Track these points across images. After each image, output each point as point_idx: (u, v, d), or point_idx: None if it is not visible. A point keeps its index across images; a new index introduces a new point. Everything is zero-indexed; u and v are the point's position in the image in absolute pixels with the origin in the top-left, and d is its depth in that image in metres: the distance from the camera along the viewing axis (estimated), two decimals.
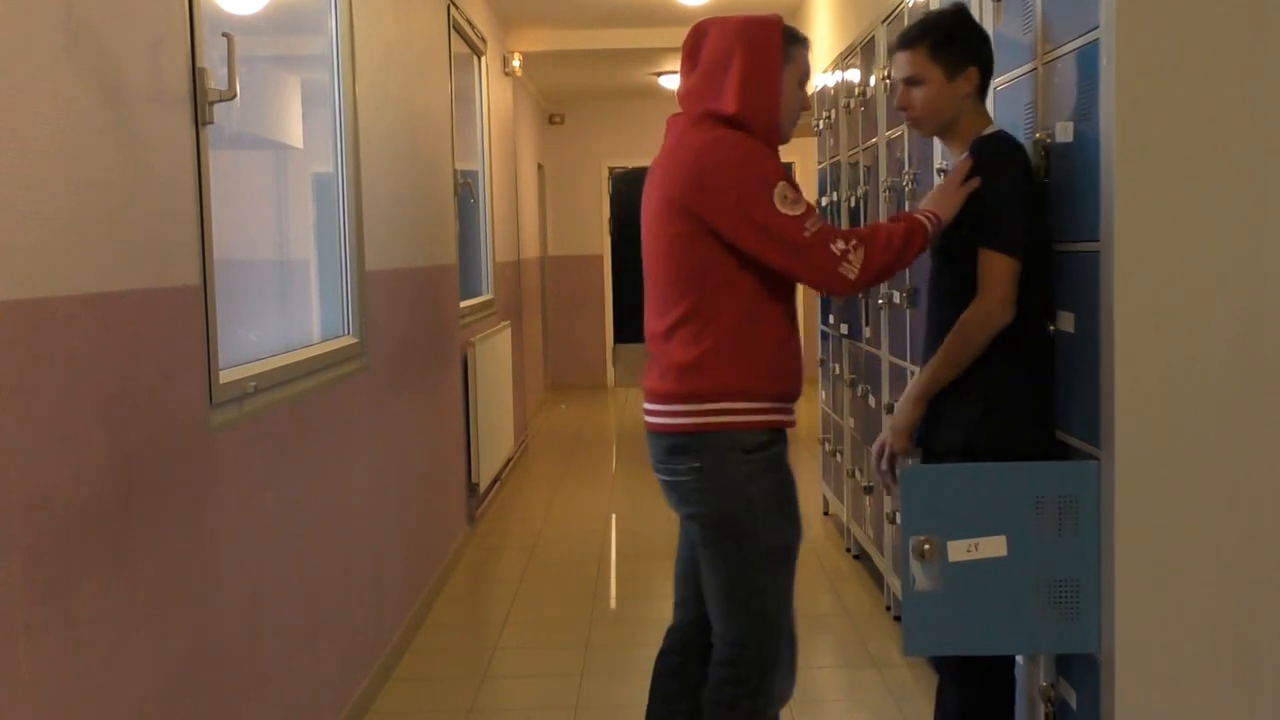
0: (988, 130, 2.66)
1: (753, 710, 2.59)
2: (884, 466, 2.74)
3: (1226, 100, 2.29)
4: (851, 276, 2.46)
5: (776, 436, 2.59)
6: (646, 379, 2.68)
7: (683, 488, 2.57)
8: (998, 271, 2.50)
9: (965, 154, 2.65)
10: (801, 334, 2.83)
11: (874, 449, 2.78)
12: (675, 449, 2.56)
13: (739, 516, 2.54)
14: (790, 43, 2.57)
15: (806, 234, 2.44)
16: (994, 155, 2.57)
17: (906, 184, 4.02)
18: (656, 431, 2.62)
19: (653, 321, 2.66)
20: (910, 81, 2.65)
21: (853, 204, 5.11)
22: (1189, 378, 2.31)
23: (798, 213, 2.45)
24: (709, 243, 2.51)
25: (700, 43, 2.60)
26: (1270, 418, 2.32)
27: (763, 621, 2.58)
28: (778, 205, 2.44)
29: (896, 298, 4.17)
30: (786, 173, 2.53)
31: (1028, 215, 2.53)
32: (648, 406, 2.66)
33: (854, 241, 2.47)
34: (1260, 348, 2.31)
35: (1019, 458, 2.51)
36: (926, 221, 2.53)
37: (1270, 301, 2.31)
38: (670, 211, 2.55)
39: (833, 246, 2.45)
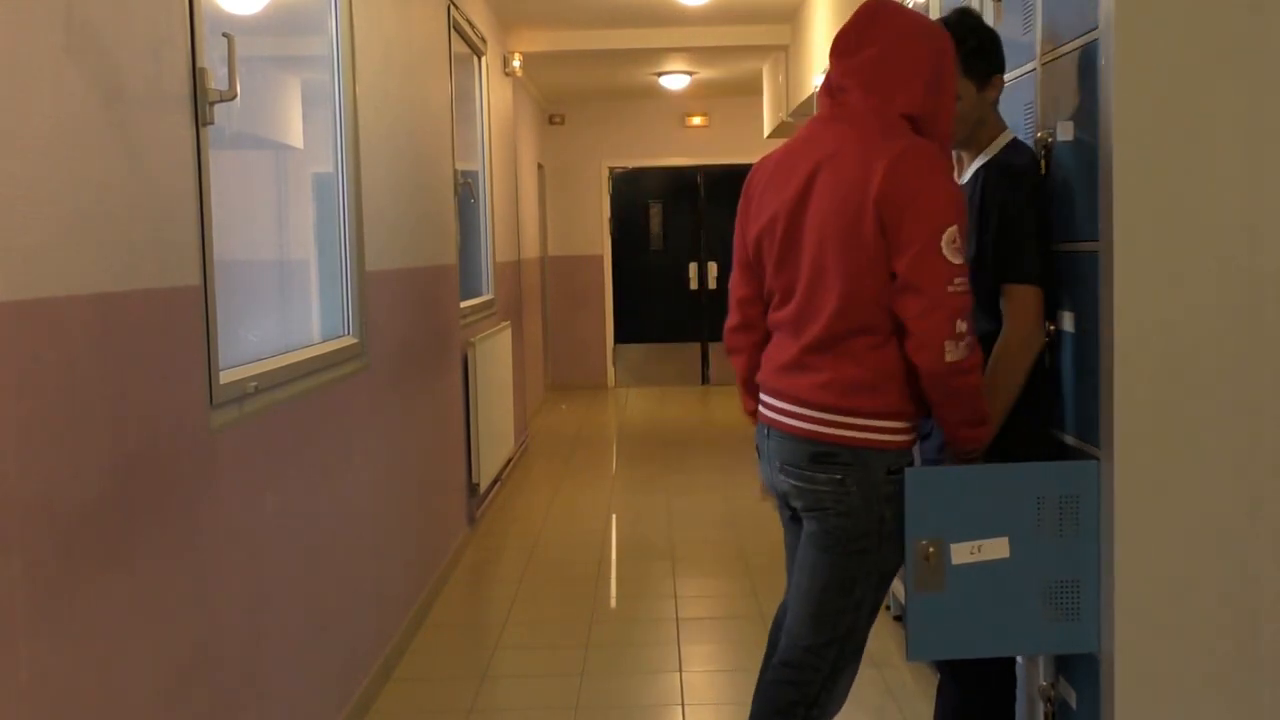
0: (1002, 139, 2.64)
1: (805, 719, 2.55)
2: None
3: (1226, 100, 2.29)
4: (948, 358, 2.31)
5: (910, 459, 2.54)
6: (787, 378, 2.52)
7: (818, 495, 2.48)
8: (1027, 301, 2.50)
9: (976, 168, 2.64)
10: None
11: None
12: (821, 457, 2.46)
13: (868, 534, 2.46)
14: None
15: (949, 289, 2.32)
16: (1009, 185, 2.54)
17: None
18: (801, 436, 2.48)
19: (813, 325, 2.46)
20: None
21: None
22: (1189, 378, 2.31)
23: (955, 262, 2.33)
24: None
25: (877, 26, 2.45)
26: (1270, 417, 2.32)
27: (846, 637, 2.52)
28: (944, 247, 2.32)
29: None
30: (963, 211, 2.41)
31: (1042, 237, 2.53)
32: (787, 407, 2.51)
33: (973, 340, 2.36)
34: (1260, 347, 2.31)
35: (1019, 458, 2.51)
36: (978, 438, 2.48)
37: (1270, 301, 2.31)
38: (860, 215, 2.37)
39: (958, 322, 2.32)
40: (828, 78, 2.55)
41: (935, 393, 2.39)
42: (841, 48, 2.50)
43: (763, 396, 2.61)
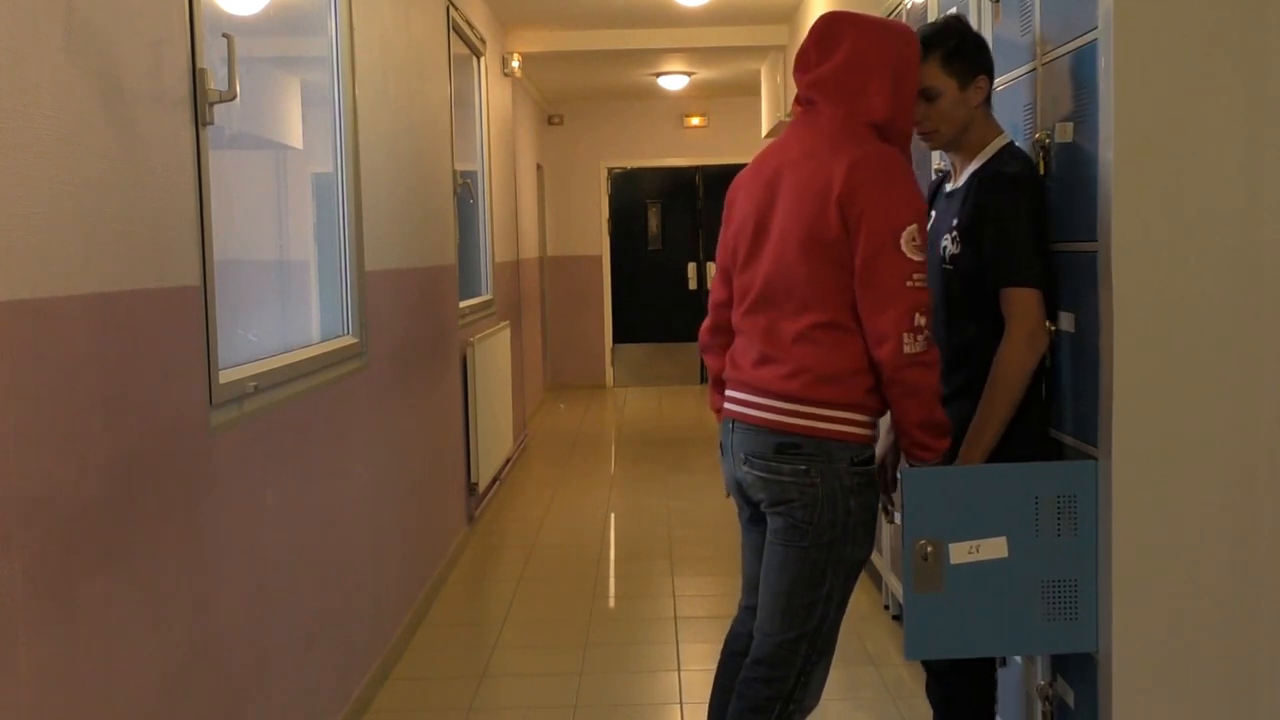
0: (995, 144, 2.65)
1: (782, 715, 2.56)
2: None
3: (1224, 100, 2.29)
4: (907, 350, 2.39)
5: (874, 454, 2.58)
6: (751, 372, 2.57)
7: (782, 486, 2.51)
8: (1029, 303, 2.51)
9: (969, 175, 2.64)
10: None
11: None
12: (786, 447, 2.50)
13: (833, 525, 2.50)
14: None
15: (908, 285, 2.40)
16: (1003, 192, 2.55)
17: None
18: (765, 427, 2.52)
19: (779, 320, 2.53)
20: (924, 94, 2.62)
21: None
22: (1188, 378, 2.32)
23: (914, 259, 2.40)
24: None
25: (835, 37, 2.53)
26: (1268, 417, 2.32)
27: (818, 630, 2.55)
28: (903, 244, 2.39)
29: None
30: (925, 210, 2.48)
31: (1040, 241, 2.54)
32: (751, 399, 2.56)
33: (930, 336, 2.43)
34: (1258, 347, 2.32)
35: (1018, 458, 2.52)
36: (934, 448, 2.49)
37: (1268, 301, 2.31)
38: (823, 214, 2.44)
39: (916, 315, 2.40)
40: (797, 90, 2.63)
41: (895, 388, 2.44)
42: (801, 63, 2.60)
43: (728, 392, 2.67)
